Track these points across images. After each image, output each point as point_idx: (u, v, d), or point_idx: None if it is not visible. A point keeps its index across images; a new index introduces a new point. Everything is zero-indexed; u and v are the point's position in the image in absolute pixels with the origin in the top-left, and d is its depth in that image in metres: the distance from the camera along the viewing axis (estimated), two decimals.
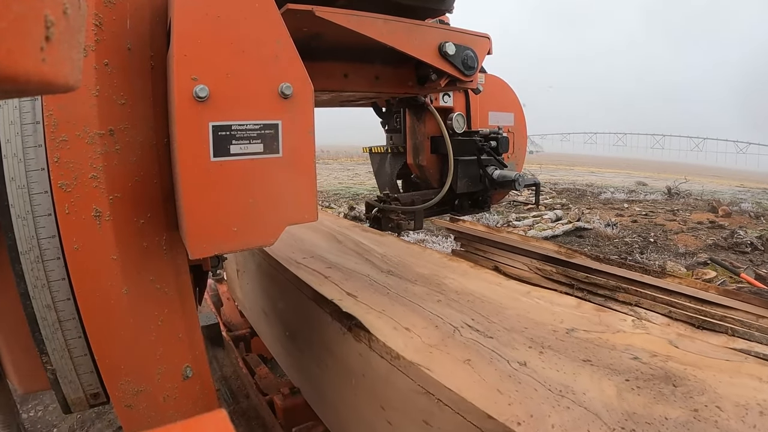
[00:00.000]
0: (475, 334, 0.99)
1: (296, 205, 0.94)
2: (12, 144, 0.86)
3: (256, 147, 0.88)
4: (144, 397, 0.99)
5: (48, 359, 0.94)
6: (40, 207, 0.87)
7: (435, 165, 2.11)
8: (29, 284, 0.90)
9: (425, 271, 1.45)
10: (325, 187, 12.37)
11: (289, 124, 0.91)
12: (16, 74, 0.24)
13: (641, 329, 1.01)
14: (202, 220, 0.85)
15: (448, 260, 1.57)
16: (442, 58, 1.33)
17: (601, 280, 1.49)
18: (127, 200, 0.91)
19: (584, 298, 1.52)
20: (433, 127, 2.03)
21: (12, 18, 0.23)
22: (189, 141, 0.83)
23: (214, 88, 0.83)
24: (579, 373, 0.82)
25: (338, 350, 1.18)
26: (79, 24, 0.30)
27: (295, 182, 0.93)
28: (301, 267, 1.49)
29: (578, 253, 1.69)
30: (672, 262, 5.04)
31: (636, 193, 11.48)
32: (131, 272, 0.93)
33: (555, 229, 6.72)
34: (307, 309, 1.34)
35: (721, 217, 7.80)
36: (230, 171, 0.87)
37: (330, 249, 1.74)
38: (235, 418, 1.71)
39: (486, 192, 2.10)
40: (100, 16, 0.85)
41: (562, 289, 1.61)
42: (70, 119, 0.85)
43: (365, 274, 1.42)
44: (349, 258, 1.61)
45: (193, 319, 1.06)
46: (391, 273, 1.44)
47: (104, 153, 0.87)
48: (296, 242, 1.85)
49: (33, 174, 0.87)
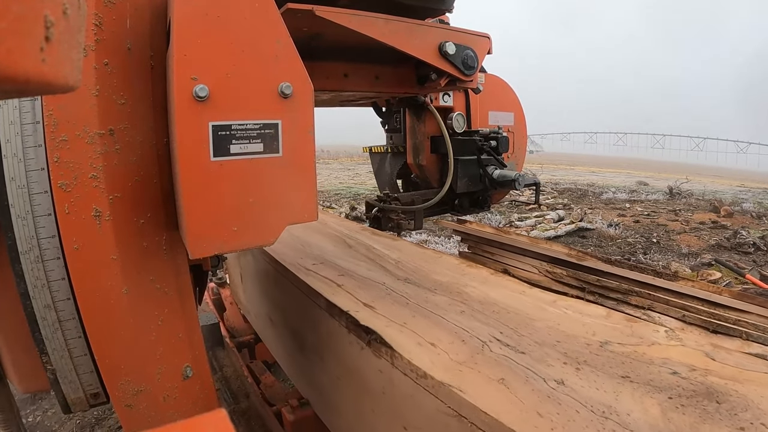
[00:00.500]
0: (505, 350, 0.93)
1: (296, 204, 0.94)
2: (12, 144, 0.86)
3: (256, 147, 0.88)
4: (144, 397, 0.99)
5: (48, 359, 0.94)
6: (40, 207, 0.87)
7: (435, 165, 2.11)
8: (29, 284, 0.90)
9: (443, 279, 1.38)
10: (326, 186, 12.37)
11: (289, 123, 0.91)
12: (16, 74, 0.24)
13: (675, 340, 0.97)
14: (202, 220, 0.85)
15: (466, 266, 1.50)
16: (442, 58, 1.33)
17: (612, 283, 1.46)
18: (127, 200, 0.91)
19: (596, 302, 1.50)
20: (433, 127, 2.03)
21: (12, 18, 0.23)
22: (189, 141, 0.83)
23: (214, 88, 0.83)
24: (620, 392, 0.78)
25: (354, 365, 1.11)
26: (79, 24, 0.30)
27: (295, 182, 0.93)
28: (311, 274, 1.41)
29: (589, 255, 1.67)
30: (676, 263, 5.02)
31: (637, 193, 11.48)
32: (131, 272, 0.93)
33: (558, 229, 6.70)
34: (318, 319, 1.27)
35: (723, 217, 7.80)
36: (230, 171, 0.87)
37: (341, 254, 1.66)
38: (235, 418, 1.71)
39: (486, 192, 2.11)
40: (100, 16, 0.85)
41: (573, 292, 1.59)
42: (70, 119, 0.85)
43: (381, 282, 1.34)
44: (361, 264, 1.54)
45: (193, 319, 1.06)
46: (408, 281, 1.36)
47: (104, 153, 0.87)
48: (304, 246, 1.77)
49: (33, 174, 0.87)
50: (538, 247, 1.81)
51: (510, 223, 7.26)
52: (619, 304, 1.41)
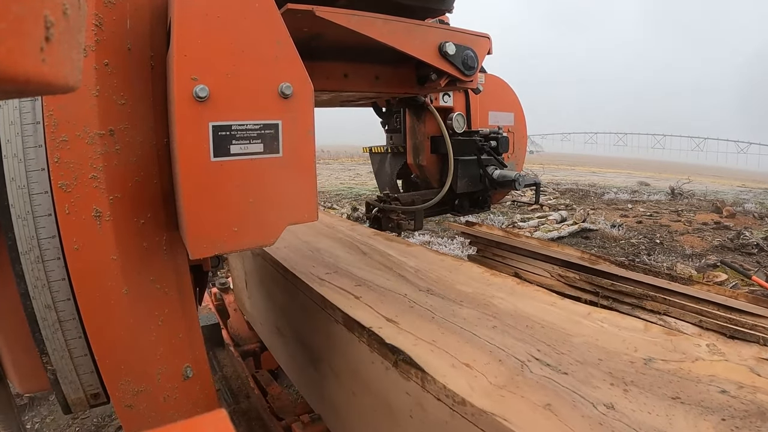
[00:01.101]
0: (546, 370, 0.87)
1: (296, 204, 0.94)
2: (12, 144, 0.86)
3: (257, 147, 0.88)
4: (144, 397, 0.99)
5: (48, 359, 0.94)
6: (40, 207, 0.87)
7: (435, 165, 2.11)
8: (29, 284, 0.90)
9: (468, 289, 1.29)
10: (326, 187, 12.36)
11: (289, 123, 0.91)
12: (16, 75, 0.24)
13: (719, 355, 0.93)
14: (202, 220, 0.85)
15: (490, 276, 1.41)
16: (442, 58, 1.33)
17: (627, 287, 1.43)
18: (127, 200, 0.91)
19: (610, 307, 1.45)
20: (433, 127, 2.03)
21: (12, 18, 0.23)
22: (189, 141, 0.83)
23: (214, 88, 0.83)
24: (672, 415, 0.74)
25: (377, 385, 1.03)
26: (79, 24, 0.30)
27: (295, 182, 0.93)
28: (326, 284, 1.32)
29: (602, 259, 1.62)
30: (681, 264, 5.01)
31: (639, 194, 11.47)
32: (131, 272, 0.93)
33: (561, 230, 6.65)
34: (334, 333, 1.20)
35: (725, 218, 7.78)
36: (230, 171, 0.87)
37: (355, 262, 1.57)
38: (235, 418, 1.71)
39: (486, 192, 2.11)
40: (100, 16, 0.85)
41: (587, 297, 1.54)
42: (70, 119, 0.85)
43: (402, 293, 1.25)
44: (378, 273, 1.44)
45: (193, 319, 1.06)
46: (431, 292, 1.27)
47: (104, 153, 0.87)
48: (314, 253, 1.67)
49: (33, 174, 0.87)
50: (550, 250, 1.78)
51: (513, 224, 7.26)
52: (634, 309, 1.39)
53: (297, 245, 1.79)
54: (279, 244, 1.71)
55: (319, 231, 2.00)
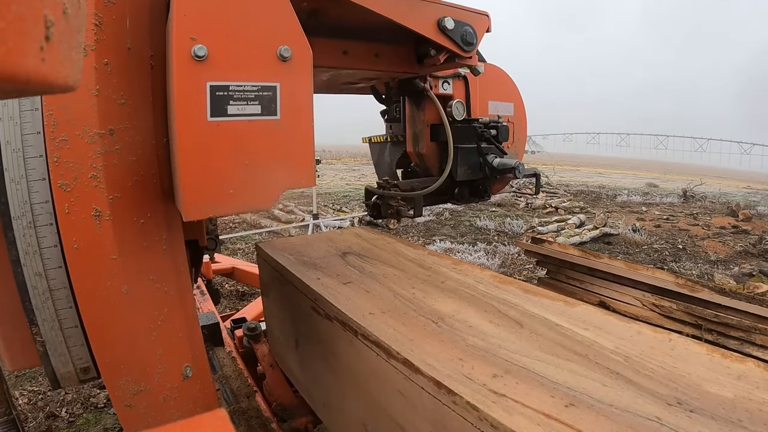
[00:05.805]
0: None
1: (293, 169, 0.93)
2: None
3: (254, 108, 0.88)
4: (144, 397, 0.99)
5: (38, 330, 0.92)
6: (35, 171, 0.86)
7: (435, 153, 2.10)
8: (21, 250, 0.88)
9: (728, 394, 0.73)
10: (332, 188, 12.34)
11: (287, 87, 0.90)
12: (16, 74, 0.24)
13: None
14: (197, 181, 0.85)
15: (727, 360, 0.82)
16: (441, 33, 1.33)
17: (732, 318, 1.21)
18: (127, 200, 0.91)
19: (716, 342, 1.24)
20: (432, 115, 2.02)
21: (12, 18, 0.23)
22: (186, 100, 0.82)
23: (213, 48, 0.83)
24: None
25: None
26: (79, 24, 0.30)
27: (292, 146, 0.92)
28: (503, 402, 0.70)
29: (701, 284, 1.36)
30: (719, 274, 4.90)
31: (650, 196, 11.45)
32: (131, 272, 0.93)
33: (583, 235, 6.56)
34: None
35: (742, 221, 7.75)
36: (227, 131, 0.86)
37: (519, 345, 0.88)
38: (235, 418, 1.71)
39: (486, 180, 2.10)
40: (100, 16, 0.85)
41: (688, 330, 1.31)
42: (70, 119, 0.85)
43: (648, 415, 0.67)
44: (577, 369, 0.79)
45: (193, 319, 1.06)
46: (683, 404, 0.69)
47: (104, 153, 0.87)
48: (441, 321, 0.99)
49: (29, 137, 0.86)
50: (638, 274, 1.54)
51: (532, 228, 7.19)
52: (743, 344, 1.21)
53: (391, 300, 1.10)
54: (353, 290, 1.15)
55: (415, 274, 1.32)
